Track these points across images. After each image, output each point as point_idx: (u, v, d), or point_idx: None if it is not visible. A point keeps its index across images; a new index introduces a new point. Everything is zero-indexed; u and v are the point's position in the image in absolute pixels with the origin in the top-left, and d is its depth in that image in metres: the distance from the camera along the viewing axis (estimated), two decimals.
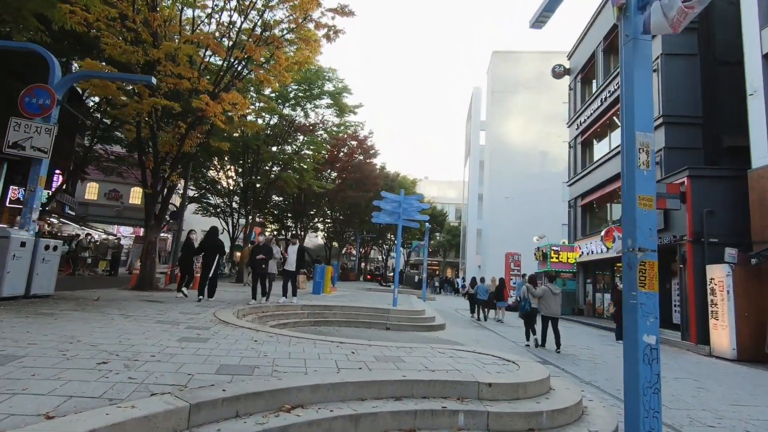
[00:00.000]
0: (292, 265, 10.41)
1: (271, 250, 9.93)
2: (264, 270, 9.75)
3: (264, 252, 9.71)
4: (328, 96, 18.58)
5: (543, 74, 36.57)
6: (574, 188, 21.10)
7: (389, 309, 11.63)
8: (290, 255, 10.47)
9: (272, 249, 10.02)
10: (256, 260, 9.57)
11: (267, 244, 10.08)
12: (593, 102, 19.10)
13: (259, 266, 9.68)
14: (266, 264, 9.72)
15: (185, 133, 10.43)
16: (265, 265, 9.70)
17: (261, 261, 9.64)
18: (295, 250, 10.48)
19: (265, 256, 9.68)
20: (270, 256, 9.78)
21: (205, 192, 28.64)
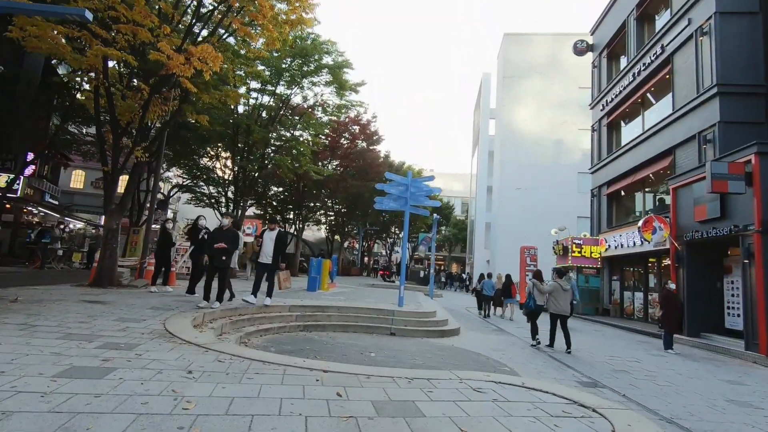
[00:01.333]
0: (267, 257, 8.10)
1: (237, 238, 7.94)
2: (224, 263, 7.57)
3: (227, 239, 7.54)
4: (327, 71, 16.66)
5: (556, 57, 34.49)
6: (597, 176, 19.13)
7: (394, 310, 9.82)
8: (266, 244, 8.21)
9: (238, 236, 8.06)
10: (214, 249, 7.49)
11: (232, 228, 7.91)
12: (622, 78, 17.08)
13: (219, 257, 7.51)
14: (227, 255, 7.56)
15: (149, 97, 8.59)
16: (225, 257, 7.52)
17: (221, 251, 7.46)
18: (272, 238, 8.14)
19: (228, 244, 7.51)
20: (234, 245, 7.74)
21: (197, 180, 26.91)
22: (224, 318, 7.33)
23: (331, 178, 24.48)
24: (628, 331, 13.69)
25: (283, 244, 8.09)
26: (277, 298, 10.38)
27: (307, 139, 19.35)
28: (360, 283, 24.95)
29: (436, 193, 11.03)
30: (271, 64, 15.30)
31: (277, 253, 8.07)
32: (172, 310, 6.75)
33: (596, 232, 18.69)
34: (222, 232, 7.66)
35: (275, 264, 8.09)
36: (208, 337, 5.10)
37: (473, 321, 13.62)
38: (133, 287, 9.55)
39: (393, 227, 43.63)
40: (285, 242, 8.13)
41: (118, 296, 7.94)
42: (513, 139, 34.20)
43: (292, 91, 17.78)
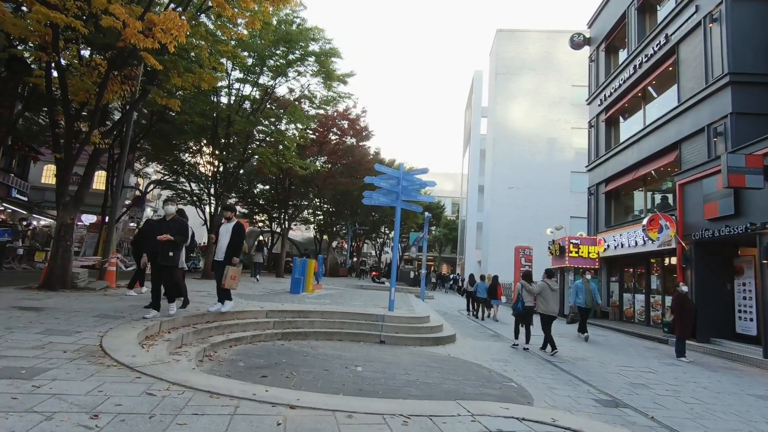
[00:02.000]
0: (222, 253, 6.79)
1: (185, 228, 6.41)
2: (170, 260, 6.08)
3: (173, 230, 6.11)
4: (314, 59, 15.66)
5: (550, 55, 33.96)
6: (595, 173, 18.47)
7: (384, 315, 8.89)
8: (221, 237, 6.85)
9: (187, 227, 6.51)
10: (158, 243, 5.97)
11: (179, 218, 6.47)
12: (622, 72, 16.41)
13: (164, 254, 6.00)
14: (174, 250, 6.12)
15: (105, 74, 7.54)
16: (172, 252, 6.07)
17: (165, 245, 6.00)
18: (229, 230, 6.79)
19: (174, 236, 6.08)
20: (182, 237, 6.28)
21: (178, 177, 25.65)
22: (188, 326, 6.33)
23: (318, 175, 23.46)
24: (632, 335, 12.97)
25: (240, 239, 6.84)
26: (255, 301, 9.41)
27: (294, 133, 18.32)
28: (348, 284, 23.98)
29: (430, 187, 10.13)
30: (254, 49, 14.28)
31: (232, 248, 6.75)
32: (123, 317, 5.73)
33: (594, 231, 18.01)
34: (165, 223, 6.30)
35: (229, 258, 6.78)
36: (155, 355, 4.11)
37: (468, 325, 12.76)
38: (90, 290, 8.47)
39: (383, 227, 42.73)
40: (242, 236, 6.88)
41: (64, 301, 6.87)
42: (505, 137, 33.55)
43: (277, 81, 16.75)
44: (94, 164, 8.68)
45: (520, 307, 9.02)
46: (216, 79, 9.54)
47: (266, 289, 13.39)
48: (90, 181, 8.61)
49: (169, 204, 6.47)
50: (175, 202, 6.54)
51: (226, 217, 7.13)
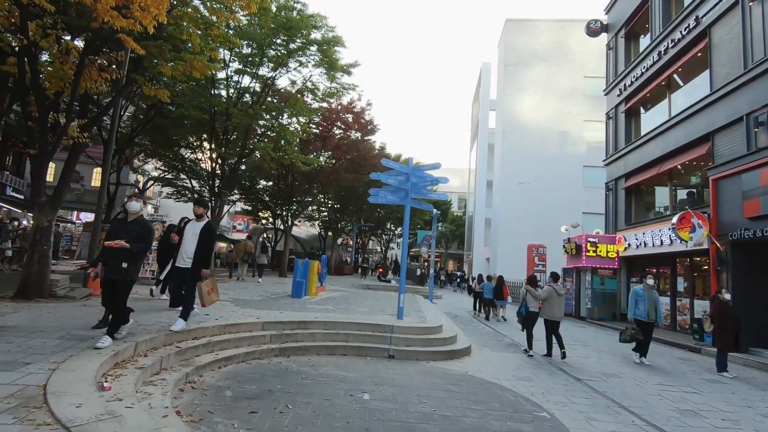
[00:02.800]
0: (187, 258, 5.75)
1: (148, 234, 5.05)
2: (123, 274, 4.77)
3: (131, 235, 4.81)
4: (316, 48, 14.79)
5: (561, 45, 32.77)
6: (613, 168, 17.48)
7: (392, 326, 8.08)
8: (186, 239, 5.82)
9: (151, 232, 5.16)
10: (108, 250, 4.74)
11: (143, 219, 5.16)
12: (644, 59, 15.38)
13: (115, 265, 4.72)
14: (130, 262, 4.80)
15: (80, 60, 6.73)
16: (126, 264, 4.76)
17: (120, 253, 4.71)
18: (196, 231, 5.72)
19: (132, 243, 4.75)
20: (144, 244, 4.97)
21: (178, 173, 24.95)
22: (170, 345, 5.54)
23: (322, 171, 22.65)
24: (659, 342, 12.03)
25: (210, 243, 5.76)
26: (251, 309, 8.61)
27: (296, 128, 17.51)
28: (353, 284, 23.21)
29: (442, 182, 9.26)
30: (253, 38, 13.43)
31: (200, 253, 5.66)
32: (93, 338, 4.94)
33: (612, 229, 17.05)
34: (125, 224, 4.90)
35: (197, 269, 5.65)
36: (115, 393, 3.31)
37: (480, 330, 11.91)
38: (69, 299, 7.72)
39: (389, 223, 41.90)
40: (212, 238, 5.78)
41: (33, 315, 6.10)
42: (515, 130, 32.49)
43: (278, 72, 15.91)
44: (74, 160, 7.90)
45: (523, 311, 8.70)
46: (208, 68, 8.69)
47: (266, 293, 12.63)
48: (68, 179, 7.83)
49: (134, 200, 5.11)
50: (140, 199, 5.25)
51: (196, 214, 5.94)
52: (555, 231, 28.88)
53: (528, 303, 8.68)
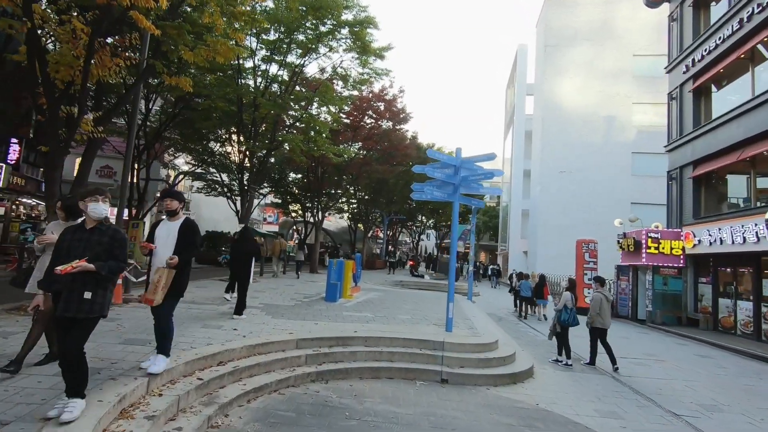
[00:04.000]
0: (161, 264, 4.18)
1: (122, 245, 3.46)
2: (86, 310, 3.18)
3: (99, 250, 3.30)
4: (347, 30, 13.71)
5: (607, 22, 30.27)
6: (678, 154, 15.65)
7: (443, 342, 7.02)
8: (160, 243, 4.28)
9: (125, 241, 3.50)
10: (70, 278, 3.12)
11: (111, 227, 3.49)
12: (720, 29, 13.45)
13: (75, 296, 3.16)
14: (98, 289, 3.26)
15: (89, 43, 5.92)
16: (91, 294, 3.20)
17: (80, 279, 3.17)
18: (173, 232, 4.26)
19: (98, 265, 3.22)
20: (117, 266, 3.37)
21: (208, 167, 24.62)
22: (190, 375, 4.70)
23: (353, 163, 21.71)
24: (742, 355, 10.46)
25: (194, 241, 4.29)
26: (283, 318, 7.74)
27: (326, 117, 16.56)
28: (386, 280, 22.31)
29: (497, 175, 8.06)
30: (280, 20, 12.49)
31: (182, 257, 4.16)
32: (100, 373, 4.12)
33: (676, 223, 15.29)
34: (86, 234, 3.33)
35: (177, 282, 4.19)
36: None
37: (533, 338, 10.67)
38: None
39: (419, 215, 40.70)
40: (195, 237, 4.31)
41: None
42: (555, 116, 30.42)
43: (306, 59, 14.95)
44: (90, 157, 7.19)
45: (569, 319, 8.00)
46: (233, 52, 7.78)
47: (299, 294, 11.84)
48: (84, 178, 7.12)
49: (98, 200, 3.32)
50: (104, 196, 3.40)
51: (169, 211, 4.38)
52: (601, 224, 26.93)
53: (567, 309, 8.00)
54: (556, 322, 8.27)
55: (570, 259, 26.49)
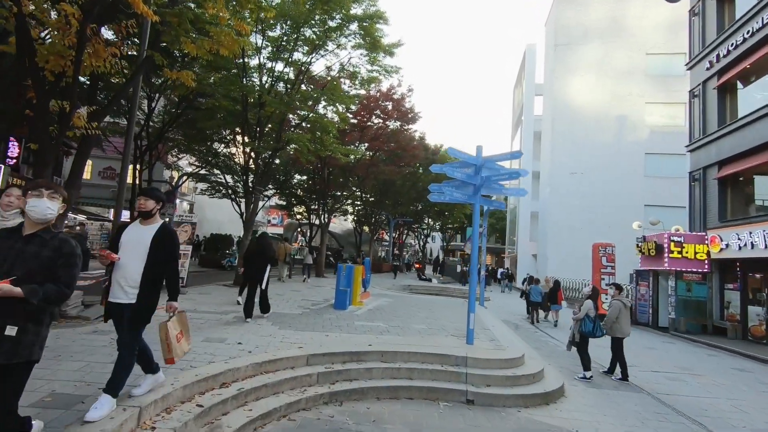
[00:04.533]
0: (128, 286, 3.30)
1: (72, 263, 2.53)
2: (14, 349, 2.31)
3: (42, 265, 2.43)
4: (356, 24, 13.17)
5: (618, 20, 29.61)
6: (700, 154, 14.98)
7: (466, 357, 6.42)
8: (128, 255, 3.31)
9: (75, 255, 2.56)
10: None
11: (60, 234, 2.62)
12: (747, 23, 12.81)
13: None
14: (29, 323, 2.38)
15: (81, 30, 5.39)
16: (20, 329, 2.33)
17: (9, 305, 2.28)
18: (144, 241, 3.33)
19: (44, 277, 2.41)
20: (69, 277, 2.51)
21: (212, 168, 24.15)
22: (189, 401, 4.13)
23: (360, 164, 21.18)
24: None
25: (173, 256, 3.44)
26: (290, 330, 7.13)
27: (333, 117, 16.03)
28: (394, 284, 21.72)
29: (523, 175, 7.46)
30: (287, 14, 11.96)
31: (155, 278, 3.34)
32: (84, 403, 3.56)
33: (700, 226, 14.61)
34: (19, 243, 2.44)
35: (144, 308, 3.33)
36: None
37: (553, 348, 10.03)
38: (80, 321, 6.51)
39: (426, 217, 40.08)
40: (174, 253, 3.44)
41: None
42: (566, 116, 29.77)
43: (313, 56, 14.41)
44: (84, 155, 6.65)
45: (593, 330, 7.42)
46: (238, 44, 7.26)
47: (306, 301, 11.27)
48: (79, 178, 6.59)
49: (42, 194, 2.51)
50: (54, 191, 2.58)
51: (143, 212, 3.38)
52: (612, 226, 26.27)
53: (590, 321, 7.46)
54: (575, 332, 7.71)
55: (581, 261, 25.85)
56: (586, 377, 7.42)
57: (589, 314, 7.58)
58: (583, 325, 7.56)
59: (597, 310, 7.63)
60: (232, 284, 13.44)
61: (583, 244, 27.27)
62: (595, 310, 7.62)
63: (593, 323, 7.54)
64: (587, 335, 7.55)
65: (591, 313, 7.59)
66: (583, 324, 7.56)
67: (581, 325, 7.57)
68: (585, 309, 7.60)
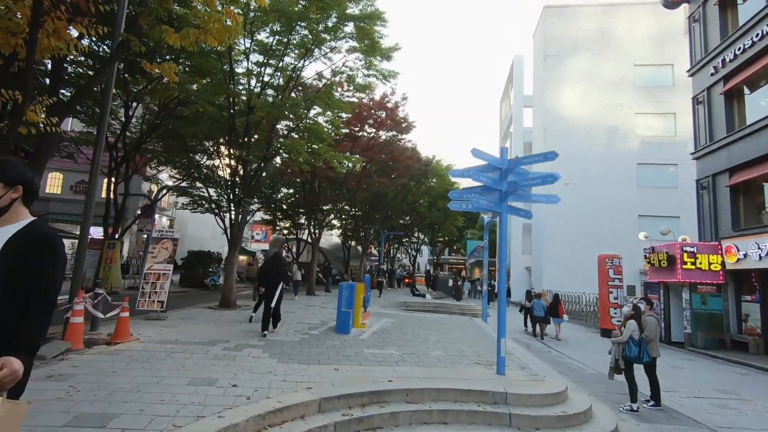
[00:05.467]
0: None
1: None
2: None
3: None
4: (352, 25, 12.35)
5: (607, 31, 29.80)
6: (708, 161, 14.53)
7: (506, 393, 5.41)
8: None
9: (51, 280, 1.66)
10: None
11: None
12: (755, 27, 12.50)
13: None
14: None
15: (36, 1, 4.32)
16: None
17: None
18: None
19: None
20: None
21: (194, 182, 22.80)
22: None
23: (352, 175, 20.20)
24: None
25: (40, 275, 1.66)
26: (292, 363, 5.77)
27: (326, 125, 15.08)
28: (390, 301, 20.60)
29: (556, 179, 6.61)
30: (279, 10, 11.04)
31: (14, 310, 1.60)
32: None
33: (712, 235, 14.06)
34: None
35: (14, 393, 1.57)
36: None
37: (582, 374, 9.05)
38: (36, 361, 5.27)
39: (416, 231, 39.17)
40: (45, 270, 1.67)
41: None
42: (556, 127, 29.55)
43: (304, 61, 13.50)
44: (42, 159, 5.49)
45: (641, 355, 6.56)
46: (227, 32, 6.29)
47: (303, 324, 10.09)
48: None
49: None
50: None
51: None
52: (607, 238, 25.88)
53: (645, 341, 6.68)
54: (618, 358, 6.81)
55: (577, 274, 25.31)
56: (633, 409, 6.49)
57: (634, 336, 6.72)
58: (627, 349, 6.67)
59: (641, 332, 6.75)
60: (218, 306, 12.15)
61: (579, 256, 26.88)
62: (639, 332, 6.75)
63: (638, 346, 6.66)
64: (632, 361, 6.66)
65: (636, 335, 6.72)
66: (627, 348, 6.68)
67: (625, 350, 6.68)
68: (629, 331, 6.72)
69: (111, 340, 6.63)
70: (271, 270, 8.68)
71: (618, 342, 6.83)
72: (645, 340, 6.76)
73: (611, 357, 6.97)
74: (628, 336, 6.71)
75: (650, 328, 6.84)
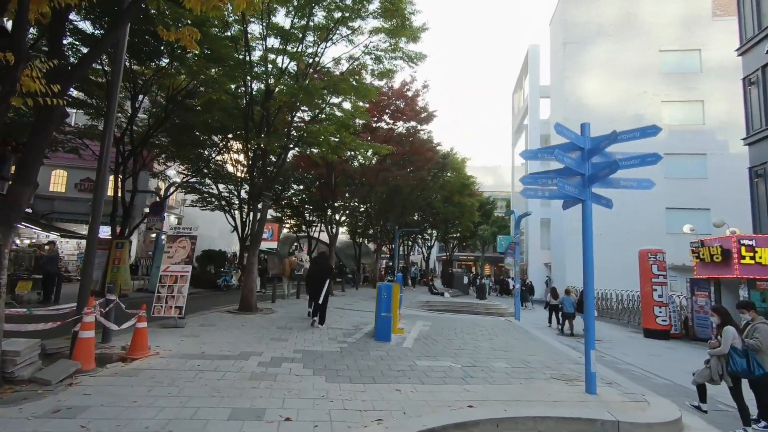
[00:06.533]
0: None
1: None
2: None
3: None
4: (377, 1, 11.26)
5: (630, 16, 28.47)
6: (762, 148, 13.37)
7: (617, 421, 4.36)
8: None
9: None
10: None
11: None
12: None
13: None
14: None
15: None
16: None
17: None
18: None
19: None
20: None
21: (203, 178, 21.85)
22: None
23: (369, 168, 19.19)
24: None
25: None
26: (343, 383, 4.63)
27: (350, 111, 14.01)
28: (411, 301, 19.54)
29: (659, 159, 5.54)
30: None
31: None
32: None
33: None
34: None
35: None
36: None
37: (651, 383, 7.99)
38: (36, 388, 4.24)
39: (429, 227, 38.03)
40: None
41: None
42: (577, 117, 28.03)
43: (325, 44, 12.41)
44: (40, 136, 4.47)
45: (748, 369, 5.43)
46: None
47: (334, 330, 9.06)
48: (33, 172, 4.39)
49: None
50: None
51: None
52: (632, 231, 24.76)
53: (736, 351, 5.56)
54: (721, 371, 5.72)
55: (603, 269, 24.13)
56: None
57: (735, 344, 5.64)
58: (733, 362, 5.57)
59: (742, 339, 5.67)
60: (238, 309, 11.13)
61: (605, 251, 25.65)
62: (741, 340, 5.67)
63: (745, 357, 5.57)
64: (741, 375, 5.57)
65: (737, 343, 5.64)
66: (732, 361, 5.58)
67: (731, 363, 5.59)
68: (727, 340, 5.64)
69: (127, 356, 5.63)
70: (317, 269, 9.54)
71: (718, 354, 5.75)
72: (752, 351, 5.66)
73: (709, 371, 5.88)
74: (728, 346, 5.63)
75: (764, 337, 5.69)
